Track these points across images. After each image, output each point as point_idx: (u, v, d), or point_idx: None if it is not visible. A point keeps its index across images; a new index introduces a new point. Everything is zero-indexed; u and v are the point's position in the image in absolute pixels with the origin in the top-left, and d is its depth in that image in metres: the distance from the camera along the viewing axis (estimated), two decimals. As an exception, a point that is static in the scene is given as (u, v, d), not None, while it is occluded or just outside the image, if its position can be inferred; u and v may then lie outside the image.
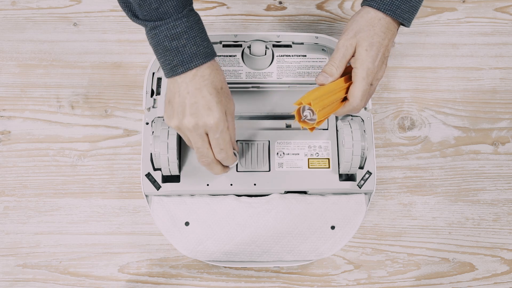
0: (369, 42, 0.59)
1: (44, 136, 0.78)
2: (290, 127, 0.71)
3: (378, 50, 0.59)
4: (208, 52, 0.58)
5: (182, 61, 0.57)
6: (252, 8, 0.86)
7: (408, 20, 0.61)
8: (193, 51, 0.57)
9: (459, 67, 0.83)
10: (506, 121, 0.81)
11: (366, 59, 0.59)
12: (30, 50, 0.82)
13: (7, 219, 0.74)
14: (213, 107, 0.57)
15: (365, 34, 0.59)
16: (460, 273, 0.74)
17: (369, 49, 0.59)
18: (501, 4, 0.87)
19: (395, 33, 0.62)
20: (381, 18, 0.60)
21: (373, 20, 0.60)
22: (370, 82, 0.60)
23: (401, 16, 0.60)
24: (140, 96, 0.80)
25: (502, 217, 0.76)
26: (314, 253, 0.68)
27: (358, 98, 0.60)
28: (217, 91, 0.58)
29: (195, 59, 0.57)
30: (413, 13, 0.61)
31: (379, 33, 0.59)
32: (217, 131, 0.58)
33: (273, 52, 0.73)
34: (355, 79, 0.59)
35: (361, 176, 0.69)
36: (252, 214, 0.68)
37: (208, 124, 0.58)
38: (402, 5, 0.60)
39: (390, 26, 0.60)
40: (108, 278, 0.72)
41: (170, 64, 0.57)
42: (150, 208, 0.69)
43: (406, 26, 0.62)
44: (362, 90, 0.59)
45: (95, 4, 0.85)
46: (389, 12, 0.59)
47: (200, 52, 0.57)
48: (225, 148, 0.60)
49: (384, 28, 0.60)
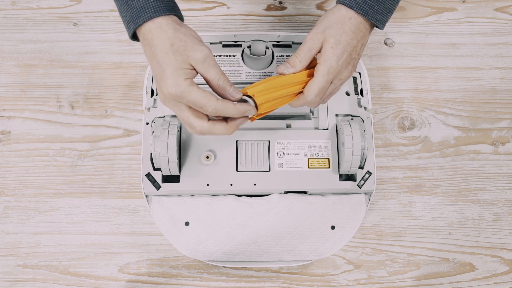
0: (336, 39, 0.58)
1: (44, 136, 0.78)
2: (290, 127, 0.71)
3: (344, 49, 0.58)
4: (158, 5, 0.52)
5: (132, 15, 0.53)
6: (252, 8, 0.86)
7: (381, 22, 0.60)
8: (141, 4, 0.52)
9: (459, 67, 0.83)
10: (506, 121, 0.81)
11: (331, 56, 0.58)
12: (30, 50, 0.82)
13: (7, 219, 0.74)
14: (165, 74, 0.52)
15: (333, 31, 0.58)
16: (460, 273, 0.74)
17: (335, 46, 0.58)
18: (501, 4, 0.87)
19: (367, 35, 0.60)
20: (352, 17, 0.59)
21: (343, 18, 0.59)
22: (331, 80, 0.59)
23: (373, 17, 0.59)
24: (140, 96, 0.80)
25: (502, 217, 0.76)
26: (314, 253, 0.68)
27: (313, 93, 0.59)
28: (165, 53, 0.52)
29: (142, 14, 0.52)
30: (386, 15, 0.60)
31: (348, 32, 0.58)
32: (182, 97, 0.52)
33: (273, 52, 0.73)
34: (316, 74, 0.59)
35: (361, 176, 0.69)
36: (252, 214, 0.68)
37: (170, 95, 0.52)
38: (375, 5, 0.58)
39: (361, 26, 0.59)
40: (108, 278, 0.72)
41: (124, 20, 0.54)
42: (150, 208, 0.69)
43: (379, 28, 0.61)
44: (319, 87, 0.59)
45: (95, 4, 0.85)
46: (361, 11, 0.58)
47: (149, 5, 0.52)
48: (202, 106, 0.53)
49: (354, 27, 0.58)
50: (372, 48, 0.84)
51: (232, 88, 0.55)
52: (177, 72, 0.52)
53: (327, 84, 0.59)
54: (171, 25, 0.53)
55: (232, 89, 0.55)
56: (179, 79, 0.52)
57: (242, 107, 0.55)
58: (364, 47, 0.62)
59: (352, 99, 0.72)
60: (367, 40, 0.61)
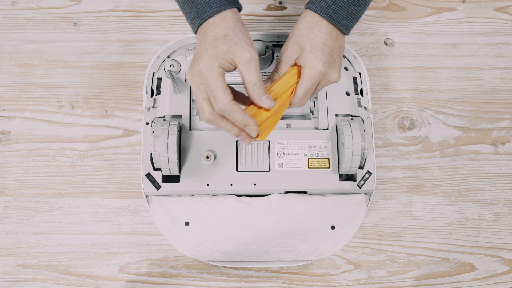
0: (311, 44, 0.59)
1: (44, 136, 0.78)
2: (290, 127, 0.71)
3: (323, 50, 0.59)
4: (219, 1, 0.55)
5: (197, 12, 0.55)
6: (252, 8, 0.86)
7: (346, 27, 0.61)
8: (206, 1, 0.55)
9: (459, 67, 0.83)
10: (506, 121, 0.81)
11: (312, 59, 0.59)
12: (30, 50, 0.82)
13: (7, 219, 0.74)
14: (205, 54, 0.54)
15: (306, 37, 0.59)
16: (460, 273, 0.74)
17: (313, 50, 0.59)
18: (501, 4, 0.87)
19: (340, 38, 0.61)
20: (318, 20, 0.60)
21: (310, 23, 0.60)
22: (317, 82, 0.60)
23: (338, 22, 0.60)
24: (140, 96, 0.80)
25: (502, 217, 0.76)
26: (314, 253, 0.68)
27: (299, 95, 0.60)
28: (216, 39, 0.54)
29: (208, 9, 0.54)
30: (351, 20, 0.61)
31: (320, 34, 0.59)
32: (205, 79, 0.54)
33: (273, 52, 0.73)
34: (301, 78, 0.59)
35: (361, 176, 0.69)
36: (252, 214, 0.68)
37: (199, 71, 0.54)
38: (339, 10, 0.59)
39: (330, 28, 0.60)
40: (108, 278, 0.72)
41: (189, 17, 0.56)
42: (150, 208, 0.69)
43: (344, 33, 0.61)
44: (305, 88, 0.59)
45: (95, 4, 0.85)
46: (325, 15, 0.59)
47: (212, 1, 0.55)
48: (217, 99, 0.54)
49: (324, 29, 0.59)
50: (372, 48, 0.84)
51: (266, 96, 0.56)
52: (216, 57, 0.54)
53: (313, 86, 0.60)
54: (234, 18, 0.56)
55: (266, 96, 0.56)
56: (213, 63, 0.54)
57: (248, 119, 0.55)
58: (343, 50, 0.62)
59: (352, 99, 0.72)
60: (344, 43, 0.62)
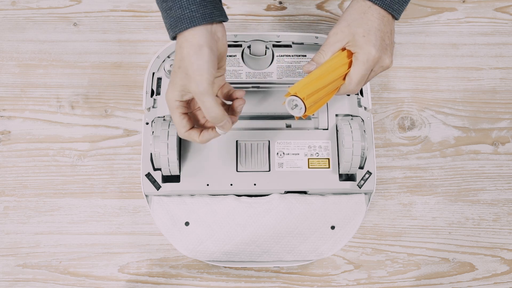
0: (364, 28, 0.58)
1: (44, 136, 0.78)
2: (290, 127, 0.71)
3: (376, 34, 0.58)
4: (193, 16, 0.54)
5: (170, 24, 0.55)
6: (252, 8, 0.86)
7: (398, 12, 0.60)
8: (178, 15, 0.54)
9: (459, 67, 0.83)
10: (506, 121, 0.81)
11: (366, 44, 0.58)
12: (30, 50, 0.82)
13: (7, 219, 0.74)
14: (170, 83, 0.56)
15: (359, 22, 0.59)
16: (460, 273, 0.74)
17: (366, 35, 0.58)
18: (501, 4, 0.87)
19: (391, 23, 0.61)
20: (370, 5, 0.59)
21: (363, 8, 0.59)
22: (371, 68, 0.59)
23: (390, 6, 0.59)
24: (140, 96, 0.80)
25: (502, 217, 0.76)
26: (314, 253, 0.68)
27: (355, 82, 0.59)
28: (178, 66, 0.55)
29: (179, 24, 0.54)
30: (402, 4, 0.60)
31: (372, 19, 0.59)
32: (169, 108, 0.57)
33: (273, 52, 0.73)
34: (355, 63, 0.59)
35: (361, 176, 0.69)
36: (252, 214, 0.68)
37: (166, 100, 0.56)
38: None
39: (382, 13, 0.59)
40: (108, 278, 0.72)
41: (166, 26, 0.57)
42: (150, 208, 0.69)
43: (395, 18, 0.61)
44: (361, 74, 0.59)
45: (95, 4, 0.85)
46: (378, 1, 0.59)
47: (185, 16, 0.54)
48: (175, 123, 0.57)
49: (376, 14, 0.59)
50: (372, 48, 0.84)
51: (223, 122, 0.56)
52: (176, 86, 0.55)
53: (368, 72, 0.59)
54: (197, 38, 0.54)
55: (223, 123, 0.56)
56: (173, 95, 0.55)
57: (205, 137, 0.58)
58: (394, 35, 0.62)
59: (352, 99, 0.72)
60: (394, 28, 0.61)
